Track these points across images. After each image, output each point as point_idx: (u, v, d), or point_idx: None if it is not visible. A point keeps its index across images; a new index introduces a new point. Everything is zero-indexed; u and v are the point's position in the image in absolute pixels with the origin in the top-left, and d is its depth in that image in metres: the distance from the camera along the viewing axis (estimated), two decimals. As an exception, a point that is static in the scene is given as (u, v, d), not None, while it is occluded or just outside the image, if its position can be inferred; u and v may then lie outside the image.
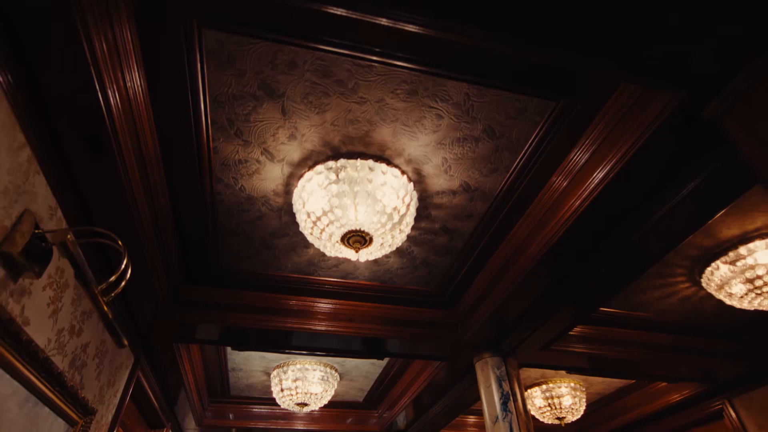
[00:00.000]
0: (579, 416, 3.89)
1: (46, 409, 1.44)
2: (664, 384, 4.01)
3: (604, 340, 2.96)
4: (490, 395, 2.59)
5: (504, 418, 2.47)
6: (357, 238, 1.71)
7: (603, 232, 1.93)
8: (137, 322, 2.35)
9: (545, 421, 4.02)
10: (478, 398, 3.78)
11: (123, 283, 1.49)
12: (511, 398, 2.53)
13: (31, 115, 1.22)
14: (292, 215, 2.00)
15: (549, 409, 3.88)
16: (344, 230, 1.69)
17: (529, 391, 4.03)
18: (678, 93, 1.34)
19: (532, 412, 4.07)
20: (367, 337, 2.57)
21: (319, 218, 1.70)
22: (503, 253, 2.25)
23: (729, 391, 3.57)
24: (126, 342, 2.03)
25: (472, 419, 4.73)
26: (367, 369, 3.54)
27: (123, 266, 1.42)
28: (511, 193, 1.96)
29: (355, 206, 1.66)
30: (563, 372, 3.67)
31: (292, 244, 2.19)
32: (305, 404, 3.30)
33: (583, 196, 1.81)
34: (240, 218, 2.01)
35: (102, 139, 1.32)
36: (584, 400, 3.85)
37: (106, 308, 1.63)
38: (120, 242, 1.42)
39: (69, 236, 1.22)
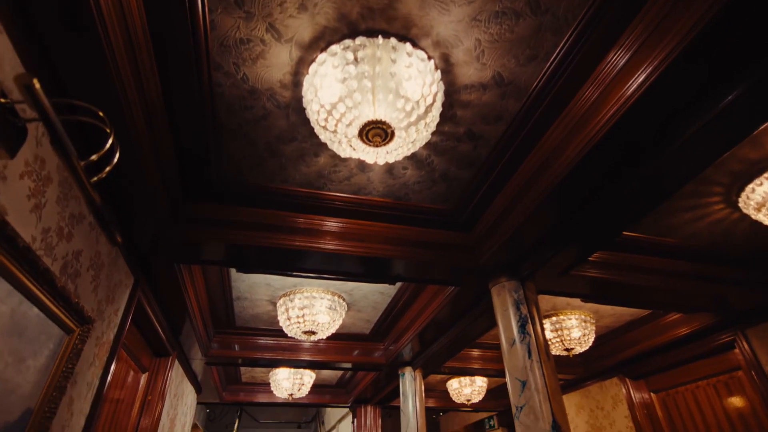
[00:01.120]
0: (587, 348, 3.86)
1: (35, 310, 1.29)
2: (673, 317, 3.98)
3: (624, 267, 2.84)
4: (507, 319, 2.49)
5: (522, 340, 2.38)
6: (377, 131, 1.50)
7: (639, 142, 1.73)
8: (134, 240, 2.18)
9: (553, 352, 4.01)
10: (485, 331, 3.79)
11: (108, 168, 1.30)
12: (529, 321, 2.43)
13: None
14: (301, 114, 1.78)
15: (558, 340, 3.86)
16: (363, 120, 1.48)
17: (537, 323, 3.98)
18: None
19: (540, 344, 4.05)
20: (378, 259, 2.42)
21: (334, 106, 1.48)
22: (530, 165, 2.06)
23: (742, 322, 3.52)
24: (119, 239, 1.87)
25: (476, 352, 4.75)
26: (375, 299, 3.45)
27: (109, 144, 1.21)
28: (547, 90, 1.73)
29: (375, 93, 1.44)
30: (576, 302, 3.61)
31: (300, 152, 1.99)
32: (313, 332, 3.23)
33: (621, 101, 1.60)
34: (242, 117, 1.79)
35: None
36: (593, 331, 3.81)
37: (90, 189, 1.43)
38: (106, 119, 1.21)
39: (35, 82, 1.00)
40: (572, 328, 3.79)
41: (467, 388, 5.59)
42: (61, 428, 1.72)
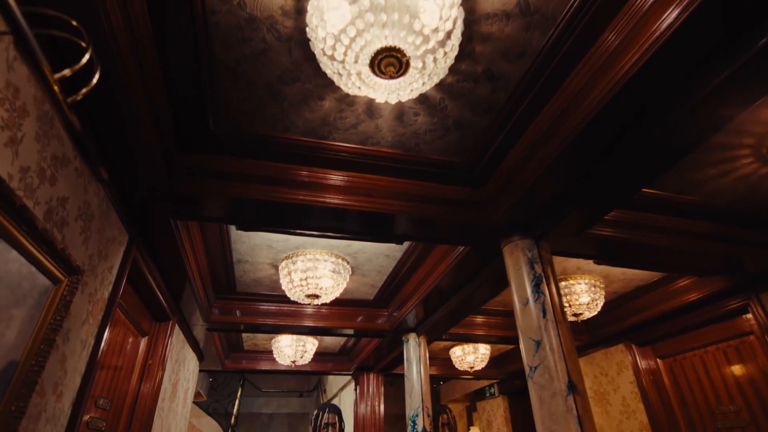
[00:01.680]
0: (596, 313, 3.79)
1: (14, 253, 1.17)
2: (683, 282, 3.89)
3: (640, 226, 2.72)
4: (520, 278, 2.38)
5: (536, 300, 2.28)
6: (390, 60, 1.34)
7: (669, 85, 1.57)
8: (127, 193, 2.04)
9: (560, 318, 3.93)
10: (492, 295, 3.69)
11: (85, 90, 1.15)
12: (544, 281, 2.33)
13: None
14: (305, 48, 1.62)
15: (567, 306, 3.78)
16: (375, 47, 1.32)
17: (545, 289, 3.90)
18: None
19: (547, 310, 3.98)
20: (385, 215, 2.29)
21: (342, 31, 1.31)
22: (551, 111, 1.90)
23: (757, 286, 3.43)
24: (105, 174, 1.74)
25: (480, 319, 4.68)
26: (380, 263, 3.35)
27: (86, 59, 1.06)
28: (576, 20, 1.57)
29: (389, 13, 1.27)
30: (586, 266, 3.51)
31: (303, 94, 1.83)
32: (316, 296, 3.14)
33: (653, 38, 1.45)
34: (240, 51, 1.63)
35: None
36: (603, 296, 3.73)
37: (66, 110, 1.29)
38: (82, 30, 1.06)
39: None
40: (581, 294, 3.71)
41: (470, 356, 5.56)
42: (53, 385, 1.63)
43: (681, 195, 2.63)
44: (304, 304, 3.97)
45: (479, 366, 5.56)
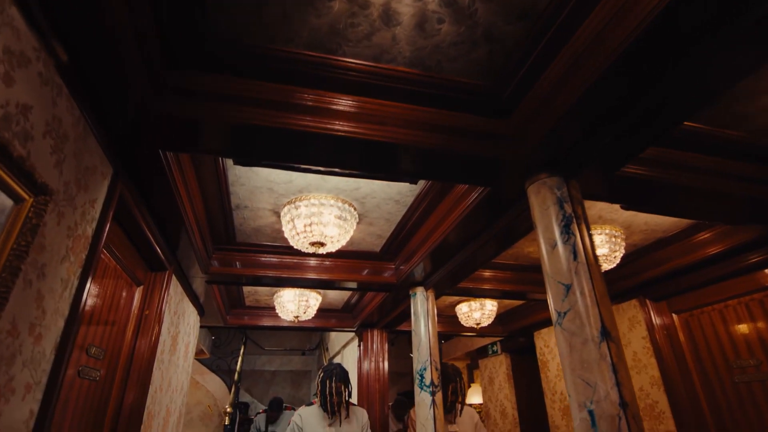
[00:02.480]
0: (614, 266, 3.61)
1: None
2: (705, 235, 3.70)
3: (676, 166, 2.48)
4: (548, 220, 2.16)
5: (565, 241, 2.07)
6: None
7: None
8: (106, 114, 1.79)
9: (575, 271, 3.76)
10: (499, 251, 3.50)
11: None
12: (574, 221, 2.11)
13: None
14: (311, -76, 1.32)
15: (583, 257, 3.58)
16: None
17: (561, 240, 3.70)
18: None
19: (563, 262, 3.80)
20: (399, 147, 2.04)
21: None
22: (598, 18, 1.62)
23: (788, 237, 3.24)
24: (64, 56, 1.48)
25: (488, 273, 4.51)
26: (389, 209, 3.12)
27: None
28: None
29: None
30: (608, 215, 3.29)
31: (308, -8, 1.54)
32: (321, 244, 2.93)
33: None
34: (231, -73, 1.33)
35: None
36: (623, 248, 3.54)
37: None
38: None
39: None
40: (600, 245, 3.51)
41: (476, 312, 5.46)
42: (29, 326, 1.43)
43: (724, 130, 2.38)
44: (307, 254, 3.78)
45: (486, 322, 5.46)
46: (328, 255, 3.93)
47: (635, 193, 2.60)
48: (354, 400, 6.03)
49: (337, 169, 2.22)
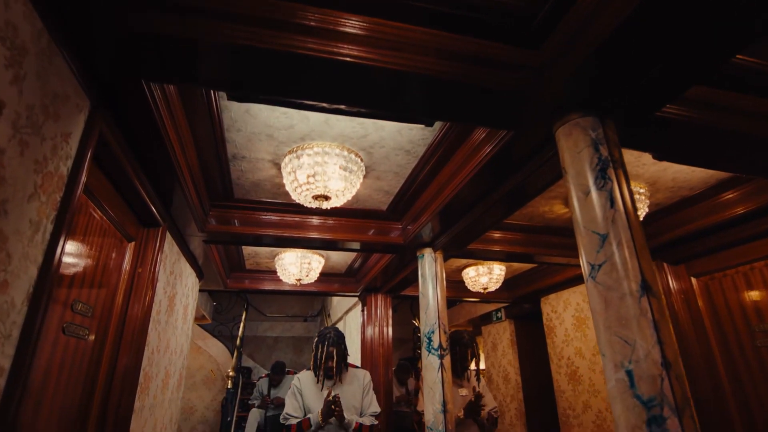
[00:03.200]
0: (635, 225, 3.40)
1: None
2: (731, 194, 3.49)
3: (721, 107, 2.22)
4: (580, 164, 1.93)
5: (601, 187, 1.84)
6: None
7: None
8: (76, 35, 1.53)
9: (593, 231, 3.55)
10: (513, 209, 3.28)
11: None
12: (611, 165, 1.88)
13: None
14: None
15: (603, 216, 3.38)
16: None
17: (580, 198, 3.48)
18: None
19: (581, 222, 3.59)
20: (416, 78, 1.79)
21: None
22: None
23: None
24: None
25: (498, 234, 4.31)
26: (398, 161, 2.89)
27: None
28: None
29: None
30: (633, 170, 3.06)
31: None
32: (325, 197, 2.71)
33: None
34: None
35: None
36: (647, 206, 3.32)
37: None
38: None
39: None
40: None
41: (484, 277, 5.30)
42: (-11, 269, 1.23)
43: (780, 67, 2.11)
44: (310, 212, 3.57)
45: (493, 287, 5.32)
46: (332, 214, 3.72)
47: (672, 140, 2.36)
48: (358, 363, 5.96)
49: (343, 106, 1.97)
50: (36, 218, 1.47)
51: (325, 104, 1.96)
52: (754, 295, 3.52)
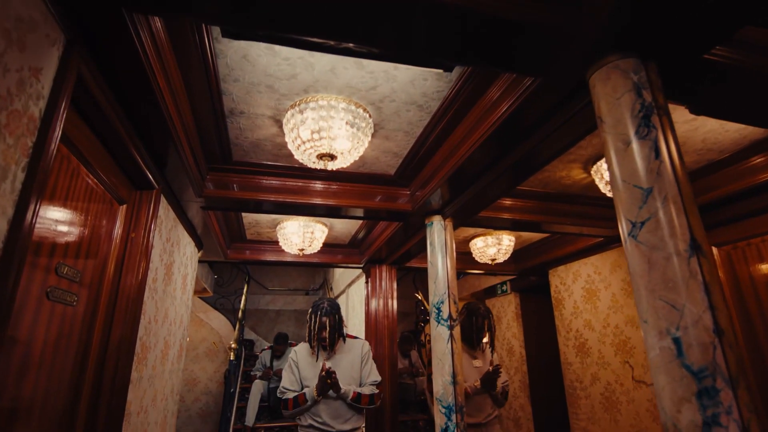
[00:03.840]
0: (658, 190, 3.21)
1: None
2: (759, 159, 3.28)
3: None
4: (619, 111, 1.72)
5: (643, 136, 1.64)
6: None
7: None
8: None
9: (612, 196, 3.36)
10: (529, 174, 3.08)
11: None
12: (655, 111, 1.67)
13: None
14: None
15: (625, 180, 3.17)
16: None
17: (600, 162, 3.28)
18: None
19: (602, 189, 3.40)
20: (438, 5, 1.56)
21: None
22: None
23: None
24: None
25: (508, 202, 4.11)
26: (410, 117, 2.66)
27: None
28: None
29: None
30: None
31: None
32: (331, 156, 2.50)
33: None
34: None
35: None
36: (672, 169, 3.11)
37: None
38: None
39: None
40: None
41: (492, 248, 5.14)
42: (-59, 217, 1.04)
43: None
44: (313, 177, 3.38)
45: (502, 259, 5.16)
46: (337, 179, 3.52)
47: (716, 90, 2.14)
48: (361, 336, 5.87)
49: (352, 45, 1.74)
50: (2, 163, 1.27)
51: (331, 42, 1.73)
52: (780, 264, 3.36)
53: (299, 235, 4.50)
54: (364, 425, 3.49)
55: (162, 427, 3.46)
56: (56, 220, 1.89)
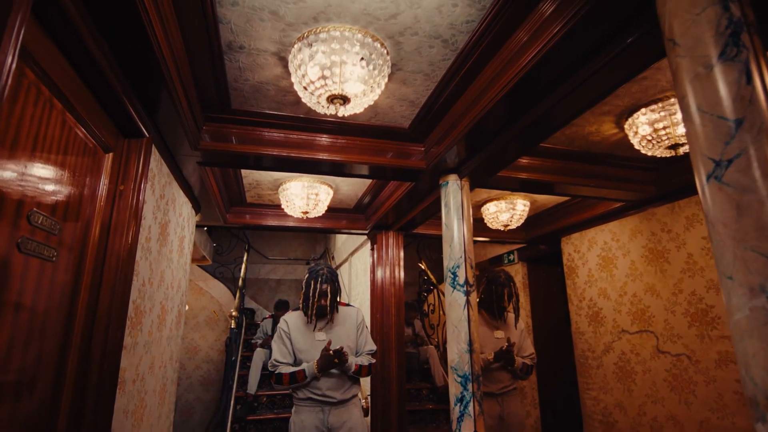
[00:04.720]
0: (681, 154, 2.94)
1: None
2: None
3: None
4: (699, 29, 1.42)
5: (731, 57, 1.35)
6: None
7: None
8: None
9: (648, 153, 3.09)
10: (580, 113, 2.75)
11: None
12: (746, 29, 1.38)
13: None
14: None
15: (663, 133, 2.90)
16: None
17: (636, 114, 2.99)
18: None
19: (636, 144, 3.12)
20: None
21: None
22: None
23: None
24: None
25: (525, 161, 3.82)
26: (432, 56, 2.35)
27: None
28: None
29: None
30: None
31: None
32: (343, 98, 2.21)
33: None
34: None
35: None
36: (717, 122, 2.83)
37: None
38: None
39: None
40: (679, 124, 2.80)
41: (505, 213, 4.89)
42: None
43: None
44: (318, 130, 3.09)
45: (515, 225, 4.92)
46: (345, 132, 3.23)
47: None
48: (366, 309, 5.70)
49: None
50: (-64, 66, 0.98)
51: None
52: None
53: (303, 197, 4.24)
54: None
55: (161, 395, 3.29)
56: (26, 162, 1.61)
